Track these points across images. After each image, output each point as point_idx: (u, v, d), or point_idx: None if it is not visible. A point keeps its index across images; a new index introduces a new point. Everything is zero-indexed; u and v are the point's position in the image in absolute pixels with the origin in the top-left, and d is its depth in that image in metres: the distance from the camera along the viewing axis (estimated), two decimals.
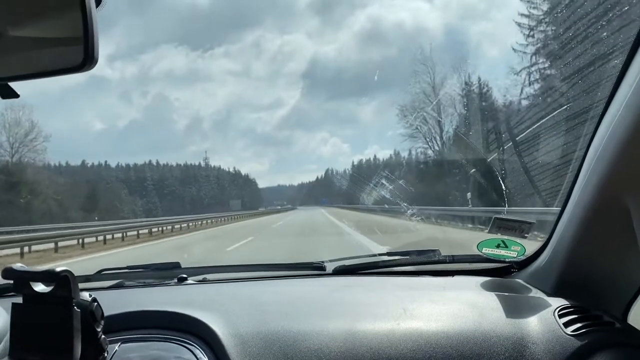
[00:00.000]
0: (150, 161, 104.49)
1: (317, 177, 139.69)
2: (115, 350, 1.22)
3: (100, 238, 20.32)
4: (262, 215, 50.87)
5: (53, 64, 0.83)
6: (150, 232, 25.08)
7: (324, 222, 27.77)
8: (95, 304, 1.04)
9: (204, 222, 34.54)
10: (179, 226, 29.75)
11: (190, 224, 31.55)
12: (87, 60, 0.77)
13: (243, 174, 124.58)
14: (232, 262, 2.88)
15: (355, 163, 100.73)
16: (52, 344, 0.96)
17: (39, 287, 0.98)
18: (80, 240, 18.91)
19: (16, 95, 0.84)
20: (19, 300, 1.00)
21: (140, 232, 24.06)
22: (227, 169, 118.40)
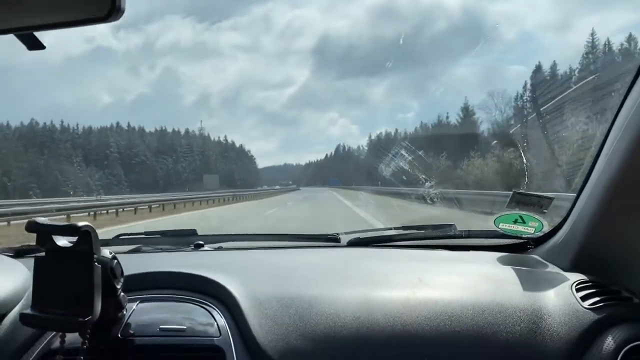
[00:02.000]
0: (118, 123, 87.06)
1: (327, 155, 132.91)
2: (134, 309, 1.24)
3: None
4: (241, 201, 37.71)
5: (78, 13, 0.82)
6: (94, 216, 19.53)
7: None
8: (115, 261, 1.06)
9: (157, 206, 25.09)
10: (121, 209, 22.92)
11: (141, 207, 23.98)
12: (114, 10, 0.76)
13: (237, 145, 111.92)
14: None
15: (373, 137, 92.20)
16: (73, 297, 0.99)
17: (61, 242, 1.00)
18: None
19: (42, 47, 0.84)
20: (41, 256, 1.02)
21: (75, 215, 18.57)
22: (215, 139, 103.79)
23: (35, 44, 0.84)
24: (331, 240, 1.89)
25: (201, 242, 1.83)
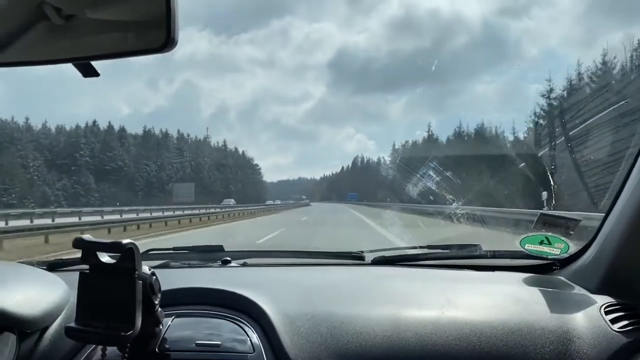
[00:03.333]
0: (95, 122, 72.83)
1: (342, 168, 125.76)
2: (169, 324, 1.28)
3: None
4: (236, 218, 31.29)
5: (134, 44, 0.87)
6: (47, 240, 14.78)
7: None
8: (155, 277, 1.10)
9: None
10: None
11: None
12: (169, 41, 0.81)
13: (239, 152, 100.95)
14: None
15: (397, 146, 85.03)
16: (115, 312, 1.02)
17: (105, 258, 1.05)
18: None
19: (97, 74, 0.89)
20: (85, 270, 1.07)
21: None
22: (215, 144, 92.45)
23: (90, 72, 0.88)
24: (356, 258, 1.90)
25: (228, 258, 1.87)
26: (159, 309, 1.15)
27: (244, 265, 1.88)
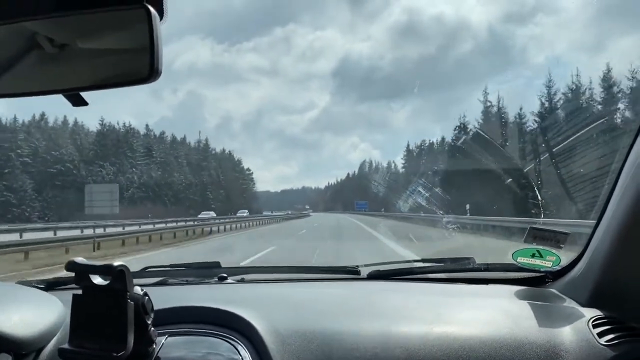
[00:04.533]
0: (43, 115, 60.92)
1: (348, 174, 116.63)
2: (163, 343, 1.28)
3: None
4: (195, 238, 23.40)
5: (120, 75, 0.89)
6: None
7: None
8: (147, 297, 1.11)
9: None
10: None
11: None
12: (152, 72, 0.83)
13: (226, 151, 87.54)
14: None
15: (412, 147, 78.18)
16: (107, 333, 1.04)
17: (97, 280, 1.06)
18: None
19: (85, 104, 0.91)
20: (77, 292, 1.08)
21: None
22: (195, 144, 78.65)
23: (79, 102, 0.91)
24: (351, 272, 1.91)
25: (225, 275, 1.88)
26: (152, 328, 1.15)
27: (241, 281, 1.89)
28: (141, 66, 0.84)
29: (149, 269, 2.00)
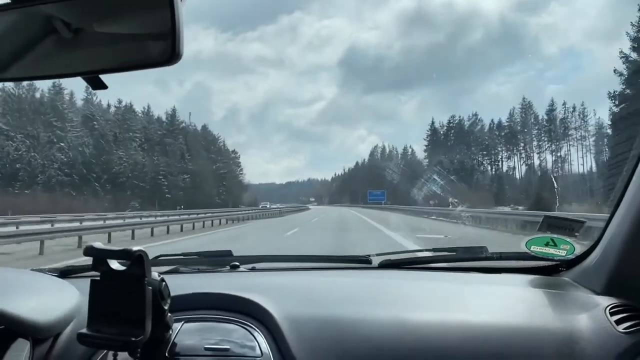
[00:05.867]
0: None
1: (357, 163, 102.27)
2: (179, 329, 1.30)
3: None
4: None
5: (141, 58, 0.89)
6: None
7: None
8: (164, 283, 1.12)
9: None
10: None
11: None
12: (174, 54, 0.82)
13: (205, 128, 70.59)
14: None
15: (439, 124, 72.06)
16: (125, 318, 1.04)
17: (115, 265, 1.07)
18: None
19: (105, 87, 0.91)
20: (96, 277, 1.09)
21: None
22: (157, 115, 62.68)
23: (99, 85, 0.91)
24: (363, 261, 1.91)
25: (237, 263, 1.88)
26: (169, 314, 1.16)
27: (253, 269, 1.90)
28: (161, 49, 0.83)
29: (162, 257, 2.01)
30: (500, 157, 71.98)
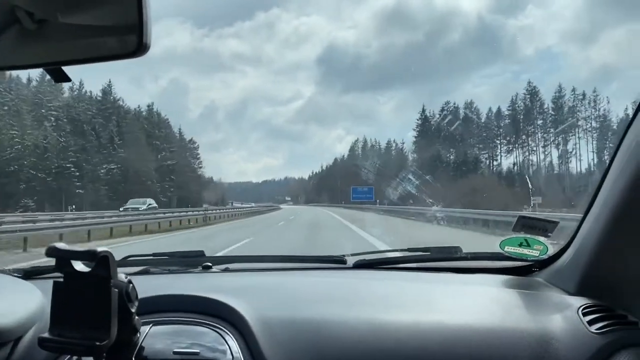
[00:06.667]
0: None
1: (336, 159, 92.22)
2: (147, 332, 1.26)
3: None
4: None
5: (107, 49, 0.86)
6: None
7: None
8: (131, 285, 1.07)
9: None
10: None
11: None
12: (141, 46, 0.80)
13: (146, 109, 55.35)
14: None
15: (431, 113, 63.96)
16: (90, 321, 1.00)
17: (79, 267, 1.02)
18: None
19: (68, 80, 0.88)
20: (60, 279, 1.04)
21: None
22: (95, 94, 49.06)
23: (61, 77, 0.87)
24: (337, 262, 1.89)
25: (209, 264, 1.85)
26: (136, 317, 1.12)
27: (226, 270, 1.86)
28: (128, 40, 0.81)
29: (131, 258, 1.97)
30: (499, 150, 67.55)
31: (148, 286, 1.46)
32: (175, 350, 1.23)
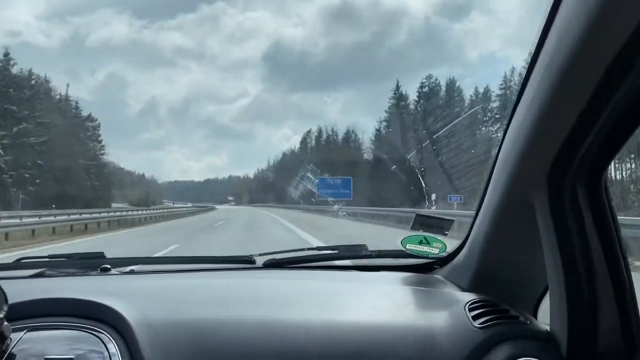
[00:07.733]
0: None
1: (284, 153, 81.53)
2: (19, 339, 1.20)
3: None
4: None
5: None
6: None
7: None
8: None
9: None
10: None
11: None
12: None
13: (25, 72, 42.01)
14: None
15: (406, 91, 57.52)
16: None
17: None
18: None
19: None
20: None
21: None
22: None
23: None
24: (246, 262, 1.87)
25: (108, 266, 1.78)
26: (5, 322, 1.07)
27: (129, 272, 1.80)
28: None
29: (24, 260, 1.86)
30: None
31: (41, 290, 1.39)
32: (47, 357, 1.17)
